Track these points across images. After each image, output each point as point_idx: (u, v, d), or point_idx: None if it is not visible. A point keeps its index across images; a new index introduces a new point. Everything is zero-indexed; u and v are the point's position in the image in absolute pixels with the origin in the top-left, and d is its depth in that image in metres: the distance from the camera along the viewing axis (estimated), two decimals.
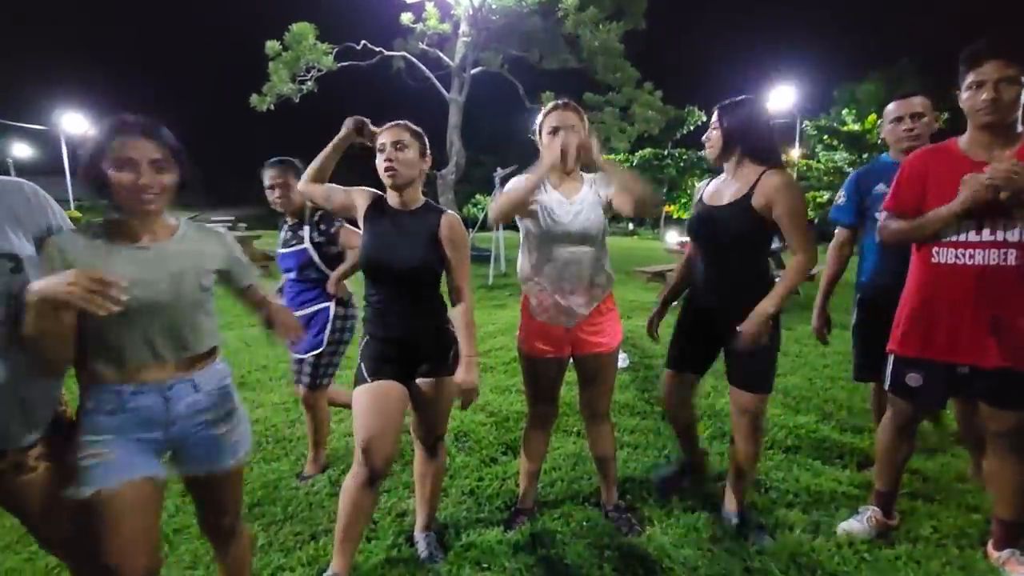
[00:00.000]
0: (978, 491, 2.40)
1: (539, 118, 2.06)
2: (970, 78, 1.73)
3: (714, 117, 2.07)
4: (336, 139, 1.91)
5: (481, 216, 14.05)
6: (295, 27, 14.75)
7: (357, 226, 2.00)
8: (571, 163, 2.00)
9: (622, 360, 4.26)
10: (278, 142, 1.93)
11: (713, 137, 2.06)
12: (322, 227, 2.49)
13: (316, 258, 2.49)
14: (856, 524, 2.13)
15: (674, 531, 2.15)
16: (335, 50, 15.51)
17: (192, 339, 1.38)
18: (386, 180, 1.83)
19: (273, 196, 2.52)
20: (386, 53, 16.40)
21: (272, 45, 15.02)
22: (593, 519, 2.23)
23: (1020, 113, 1.72)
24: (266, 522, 2.23)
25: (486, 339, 5.38)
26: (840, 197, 2.55)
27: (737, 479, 2.19)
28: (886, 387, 2.06)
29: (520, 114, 17.17)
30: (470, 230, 15.13)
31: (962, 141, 1.85)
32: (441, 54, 16.38)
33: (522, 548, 2.04)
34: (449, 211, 1.90)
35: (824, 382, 4.06)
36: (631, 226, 27.42)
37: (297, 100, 15.40)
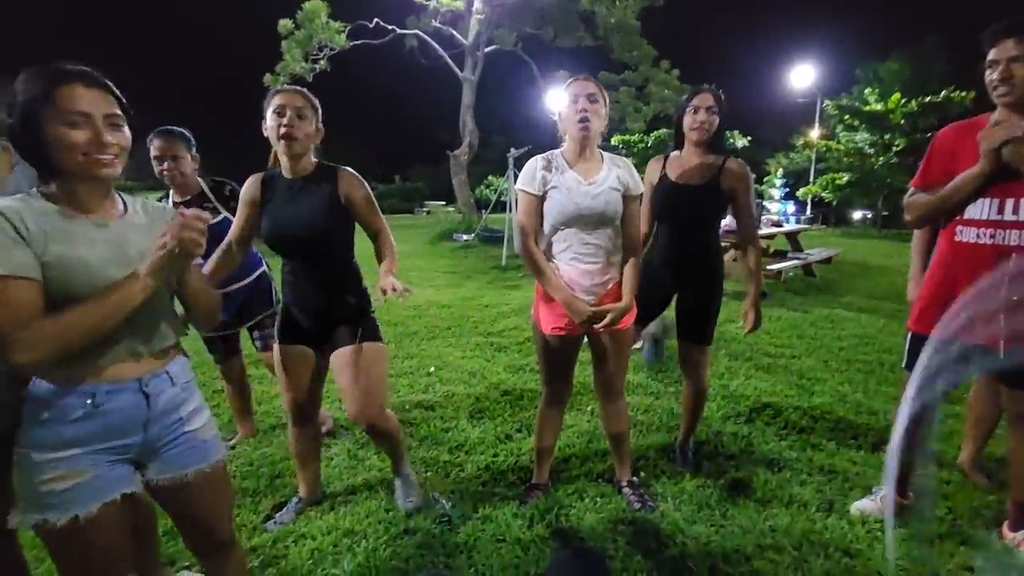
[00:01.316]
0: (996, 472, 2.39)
1: (560, 93, 2.04)
2: (989, 57, 1.75)
3: (707, 101, 2.25)
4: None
5: (494, 198, 13.99)
6: (307, 5, 14.68)
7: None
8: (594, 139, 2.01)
9: (637, 341, 4.26)
10: None
11: (712, 122, 2.25)
12: (233, 204, 2.41)
13: None
14: (869, 503, 2.14)
15: (687, 507, 2.17)
16: (347, 28, 15.42)
17: (168, 326, 1.25)
18: (282, 148, 1.82)
19: (160, 167, 2.40)
20: (399, 31, 16.27)
21: (285, 24, 14.98)
22: (607, 495, 2.26)
23: None
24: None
25: (499, 319, 5.41)
26: None
27: (692, 416, 2.54)
28: (902, 364, 2.05)
29: (534, 93, 17.01)
30: (483, 211, 15.12)
31: (993, 118, 1.81)
32: (454, 32, 16.22)
33: (537, 522, 2.08)
34: (342, 168, 1.93)
35: (839, 364, 4.03)
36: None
37: (310, 79, 15.37)
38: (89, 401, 1.12)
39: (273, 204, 1.91)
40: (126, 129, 1.14)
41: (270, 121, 1.82)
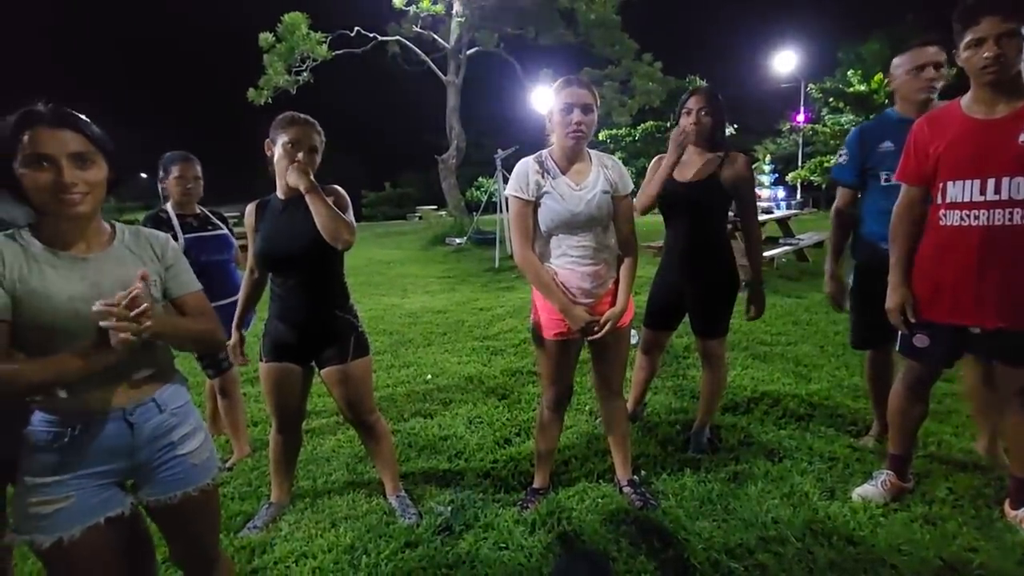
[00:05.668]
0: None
1: (551, 95, 2.01)
2: (968, 36, 1.68)
3: (699, 103, 2.34)
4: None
5: (484, 199, 13.97)
6: (287, 18, 14.59)
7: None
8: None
9: (633, 337, 4.25)
10: None
11: (706, 122, 2.34)
12: (228, 224, 2.81)
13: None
14: (871, 489, 2.13)
15: (689, 503, 2.16)
16: (328, 38, 15.34)
17: (152, 355, 1.26)
18: (290, 179, 1.89)
19: (184, 187, 2.61)
20: (380, 38, 16.22)
21: (265, 37, 14.88)
22: (608, 495, 2.25)
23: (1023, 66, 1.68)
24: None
25: (495, 322, 5.39)
26: (842, 154, 2.40)
27: (708, 403, 2.60)
28: (896, 349, 2.06)
29: (519, 93, 16.99)
30: (474, 214, 15.07)
31: (964, 101, 1.81)
32: (436, 36, 16.18)
33: (539, 527, 2.07)
34: (332, 187, 2.00)
35: (836, 348, 4.04)
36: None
37: (294, 92, 15.28)
38: (72, 430, 1.17)
39: (267, 224, 2.00)
40: (97, 166, 1.15)
41: (281, 150, 1.90)
